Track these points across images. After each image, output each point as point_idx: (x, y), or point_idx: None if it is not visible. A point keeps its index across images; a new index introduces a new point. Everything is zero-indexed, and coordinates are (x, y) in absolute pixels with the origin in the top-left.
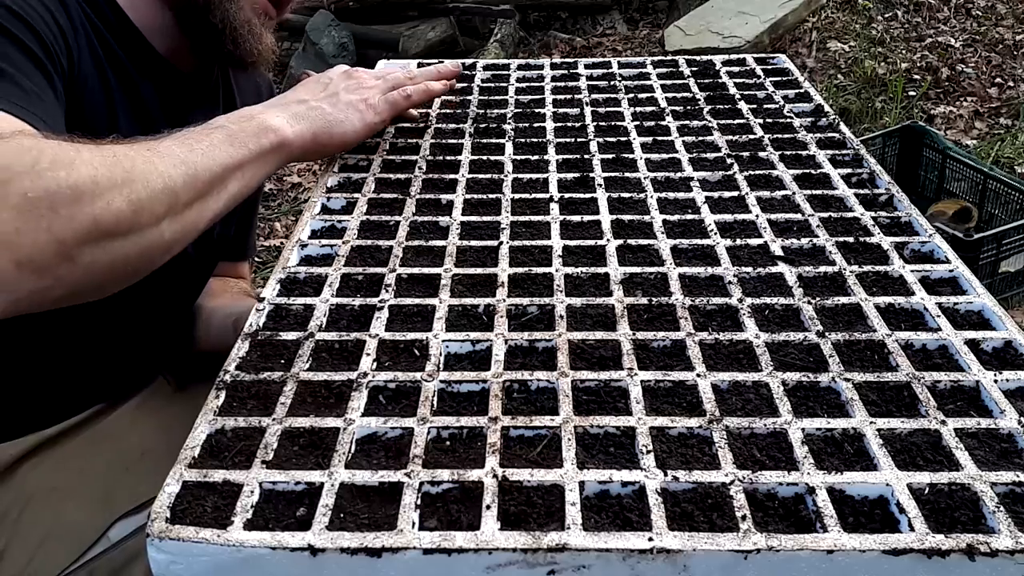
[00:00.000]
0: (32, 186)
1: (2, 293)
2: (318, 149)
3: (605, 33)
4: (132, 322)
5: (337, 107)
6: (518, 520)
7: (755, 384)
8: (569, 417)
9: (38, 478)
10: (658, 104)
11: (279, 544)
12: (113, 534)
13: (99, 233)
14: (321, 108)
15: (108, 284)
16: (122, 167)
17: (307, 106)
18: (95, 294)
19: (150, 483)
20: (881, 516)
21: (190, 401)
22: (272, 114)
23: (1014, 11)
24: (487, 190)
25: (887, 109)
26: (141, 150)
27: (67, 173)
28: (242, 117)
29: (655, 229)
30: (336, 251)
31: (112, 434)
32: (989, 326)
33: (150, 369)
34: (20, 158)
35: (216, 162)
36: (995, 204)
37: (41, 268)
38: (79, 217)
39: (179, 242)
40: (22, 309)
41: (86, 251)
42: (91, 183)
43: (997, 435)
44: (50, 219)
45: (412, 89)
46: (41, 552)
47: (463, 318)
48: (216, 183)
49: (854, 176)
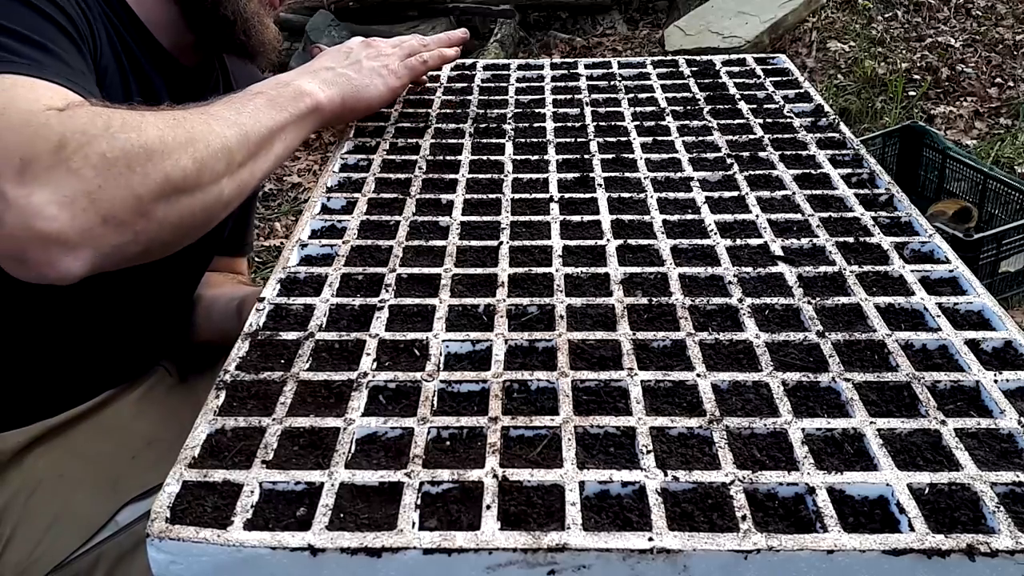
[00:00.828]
0: (109, 147)
1: (90, 248)
2: (347, 113)
3: (605, 33)
4: (134, 310)
5: (362, 73)
6: (518, 520)
7: (755, 384)
8: (569, 417)
9: (46, 465)
10: (658, 104)
11: (279, 544)
12: (121, 518)
13: (170, 189)
14: (347, 75)
15: (176, 240)
16: (184, 128)
17: (334, 73)
18: (163, 251)
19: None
20: (881, 516)
21: (192, 392)
22: (305, 80)
23: (1014, 11)
24: (487, 190)
25: (887, 109)
26: (196, 113)
27: (137, 135)
28: (279, 83)
29: (655, 229)
30: (336, 251)
31: (117, 424)
32: (989, 326)
33: (152, 357)
34: (94, 122)
35: (262, 124)
36: (995, 204)
37: (123, 223)
38: (153, 174)
39: (235, 199)
40: (105, 265)
41: (160, 206)
42: (160, 143)
43: (997, 435)
44: (128, 176)
45: (428, 55)
46: (49, 536)
47: (463, 318)
48: (264, 144)
49: (854, 176)
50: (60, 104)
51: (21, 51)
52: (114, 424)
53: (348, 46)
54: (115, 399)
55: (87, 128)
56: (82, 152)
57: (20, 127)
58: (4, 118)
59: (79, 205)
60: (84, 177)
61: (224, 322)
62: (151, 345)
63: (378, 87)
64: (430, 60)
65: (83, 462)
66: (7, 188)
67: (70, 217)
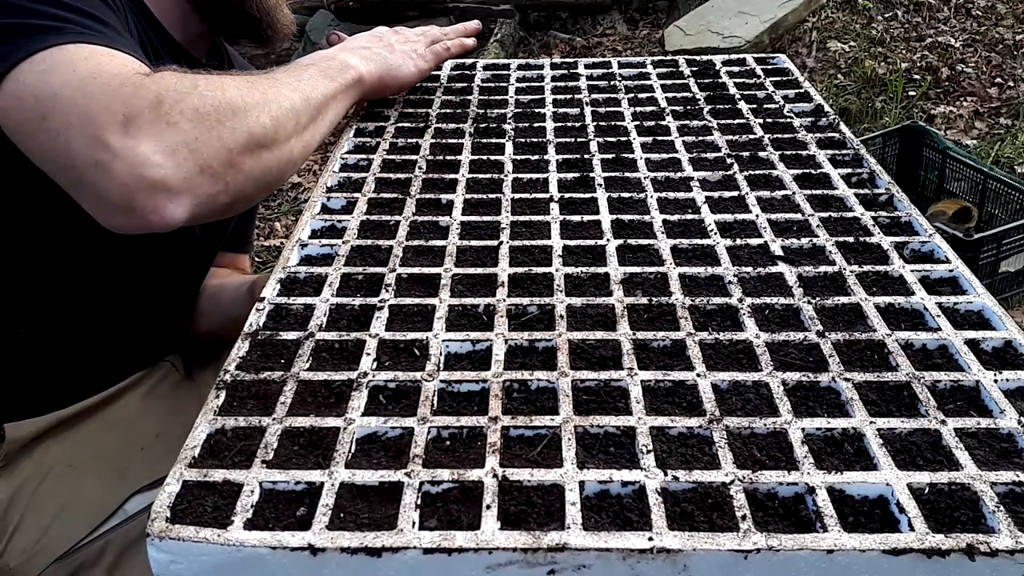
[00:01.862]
0: (200, 103)
1: (191, 195)
2: (382, 88)
3: (605, 33)
4: (143, 303)
5: (395, 55)
6: (518, 520)
7: (755, 384)
8: (569, 417)
9: (56, 455)
10: (658, 104)
11: (279, 544)
12: (130, 507)
13: (254, 144)
14: (383, 54)
15: (257, 192)
16: (259, 90)
17: (372, 52)
18: (246, 204)
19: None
20: (881, 516)
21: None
22: (349, 55)
23: (1014, 11)
24: (487, 190)
25: (887, 109)
26: (264, 78)
27: (222, 93)
28: (326, 56)
29: (655, 229)
30: (336, 251)
31: (125, 419)
32: (989, 326)
33: (160, 350)
34: (183, 81)
35: (319, 91)
36: (995, 204)
37: (216, 173)
38: (240, 128)
39: (301, 158)
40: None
41: (246, 159)
42: (241, 101)
43: (997, 435)
44: (219, 130)
45: (451, 43)
46: (58, 523)
47: (463, 318)
48: (322, 108)
49: (854, 176)
50: (144, 70)
51: (87, 24)
52: (122, 418)
53: (378, 31)
54: (123, 394)
55: (178, 87)
56: (178, 107)
57: (118, 87)
58: (100, 80)
59: (181, 155)
60: (183, 129)
61: (234, 308)
62: (159, 338)
63: (409, 68)
64: (452, 47)
65: (92, 453)
66: (114, 141)
67: (174, 165)
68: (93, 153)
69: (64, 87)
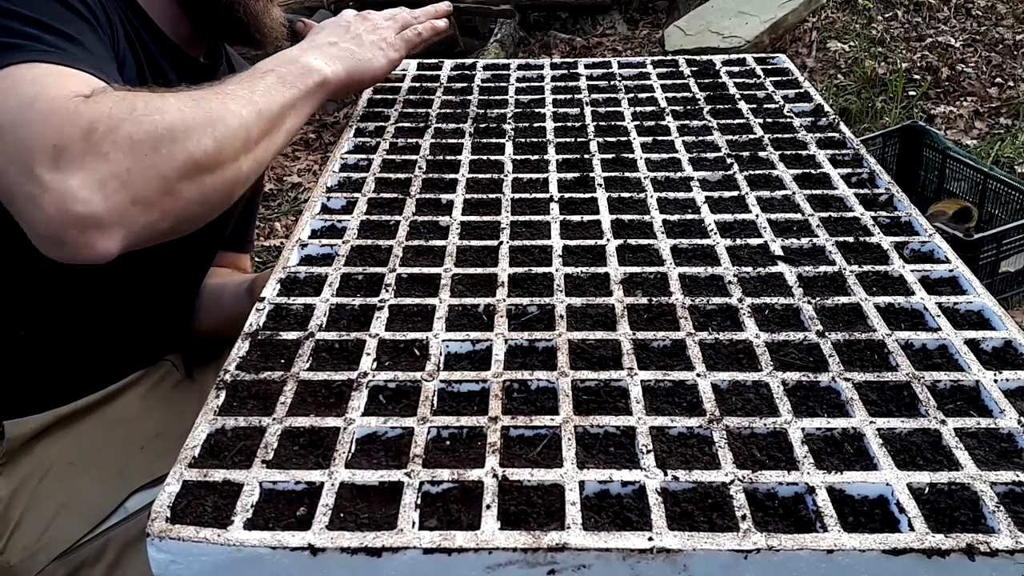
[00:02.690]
0: (135, 130)
1: (122, 228)
2: (352, 85)
3: (605, 33)
4: (142, 302)
5: (364, 47)
6: (518, 520)
7: (755, 384)
8: (569, 417)
9: (56, 453)
10: (658, 104)
11: (279, 544)
12: (130, 505)
13: (194, 168)
14: (351, 49)
15: (202, 215)
16: (203, 109)
17: (339, 48)
18: (190, 227)
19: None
20: (881, 516)
21: (197, 388)
22: (312, 56)
23: (1014, 11)
24: (487, 190)
25: (887, 109)
26: (213, 94)
27: (160, 117)
28: (287, 60)
29: (655, 229)
30: (336, 251)
31: (125, 417)
32: (989, 326)
33: (159, 348)
34: (119, 106)
35: (275, 101)
36: (995, 204)
37: (151, 202)
38: (177, 155)
39: (254, 174)
40: (137, 243)
41: (185, 185)
42: (182, 124)
43: (997, 435)
44: (153, 158)
45: (421, 27)
46: (58, 521)
47: (463, 318)
48: (277, 120)
49: (854, 176)
50: (86, 91)
51: (46, 39)
52: (122, 417)
53: (345, 19)
54: (123, 393)
55: (113, 113)
56: (110, 137)
57: (50, 115)
58: (35, 108)
59: (111, 187)
60: (113, 160)
61: (234, 305)
62: (159, 337)
63: (380, 60)
64: (424, 32)
65: (92, 451)
66: (43, 174)
67: (103, 199)
68: (24, 185)
69: (5, 113)
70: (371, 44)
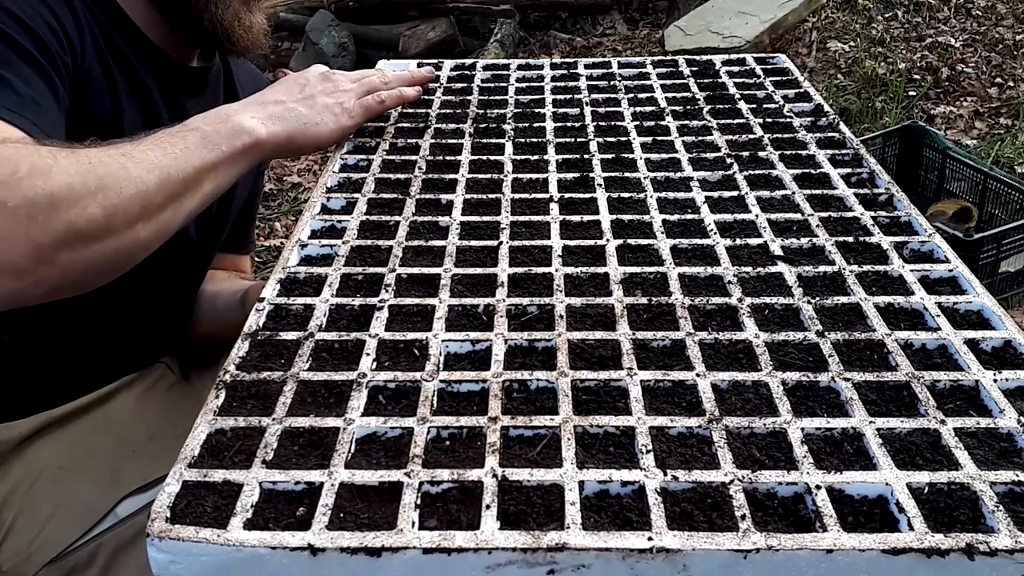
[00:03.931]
0: (11, 195)
1: None
2: (292, 148)
3: (605, 33)
4: (138, 305)
5: (313, 109)
6: (518, 520)
7: (755, 384)
8: (569, 417)
9: (47, 456)
10: (658, 104)
11: (279, 544)
12: (121, 510)
13: (74, 237)
14: (297, 110)
15: (87, 281)
16: (96, 174)
17: (284, 107)
18: (75, 290)
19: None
20: (880, 516)
21: (193, 390)
22: (248, 115)
23: (1014, 11)
24: (487, 190)
25: (887, 109)
26: (116, 156)
27: (43, 182)
28: (218, 119)
29: (655, 229)
30: (336, 251)
31: (118, 419)
32: (989, 326)
33: (155, 352)
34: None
35: (190, 164)
36: (995, 204)
37: (20, 271)
38: (55, 223)
39: (156, 240)
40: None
41: (63, 254)
42: (67, 191)
43: (996, 434)
44: (27, 225)
45: (386, 95)
46: (50, 525)
47: (463, 318)
48: (191, 184)
49: (854, 176)
50: None
51: None
52: (115, 419)
53: (305, 77)
54: (117, 394)
55: None
56: None
57: None
58: None
59: None
60: None
61: (229, 312)
62: (154, 340)
63: (328, 125)
64: (388, 100)
65: (84, 454)
66: None
67: None
68: None
69: None
70: (323, 108)
